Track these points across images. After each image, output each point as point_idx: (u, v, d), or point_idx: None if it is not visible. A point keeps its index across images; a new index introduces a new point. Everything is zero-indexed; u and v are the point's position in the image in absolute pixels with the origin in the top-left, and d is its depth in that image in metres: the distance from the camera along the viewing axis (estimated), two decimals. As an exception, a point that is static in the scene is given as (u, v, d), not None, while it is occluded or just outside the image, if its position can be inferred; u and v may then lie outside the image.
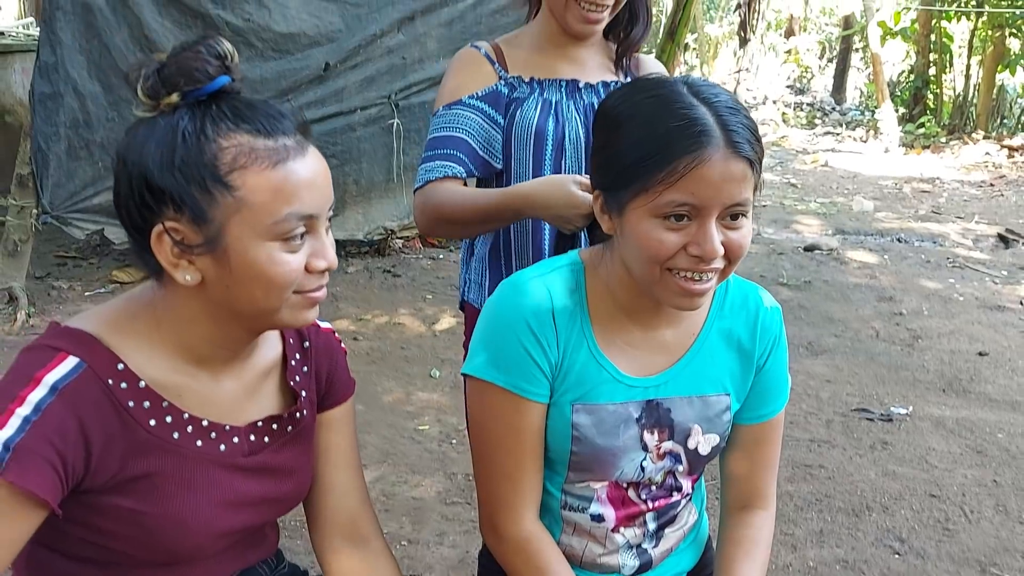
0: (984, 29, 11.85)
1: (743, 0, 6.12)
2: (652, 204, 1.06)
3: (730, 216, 1.08)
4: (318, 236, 1.00)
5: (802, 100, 15.15)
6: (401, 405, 3.42)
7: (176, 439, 1.02)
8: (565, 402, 1.19)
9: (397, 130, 5.20)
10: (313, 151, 0.99)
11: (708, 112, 1.06)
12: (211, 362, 1.05)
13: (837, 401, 3.59)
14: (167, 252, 0.96)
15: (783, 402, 1.31)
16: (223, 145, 0.94)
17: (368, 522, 1.23)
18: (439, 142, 1.63)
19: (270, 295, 0.97)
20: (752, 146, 1.06)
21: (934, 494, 2.88)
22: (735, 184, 1.05)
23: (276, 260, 0.96)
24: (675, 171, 1.04)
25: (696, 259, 1.07)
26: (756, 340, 1.26)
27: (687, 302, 1.12)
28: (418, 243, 5.63)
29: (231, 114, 0.95)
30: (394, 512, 2.66)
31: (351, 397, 1.23)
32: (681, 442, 1.24)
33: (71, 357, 0.95)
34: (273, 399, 1.13)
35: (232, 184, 0.93)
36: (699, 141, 1.03)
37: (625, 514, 1.27)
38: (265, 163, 0.94)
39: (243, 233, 0.94)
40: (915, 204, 7.72)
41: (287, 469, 1.12)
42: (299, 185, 0.95)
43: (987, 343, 4.27)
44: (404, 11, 5.03)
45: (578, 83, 1.66)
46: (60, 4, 4.13)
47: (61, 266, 4.99)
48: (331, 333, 1.22)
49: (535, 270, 1.23)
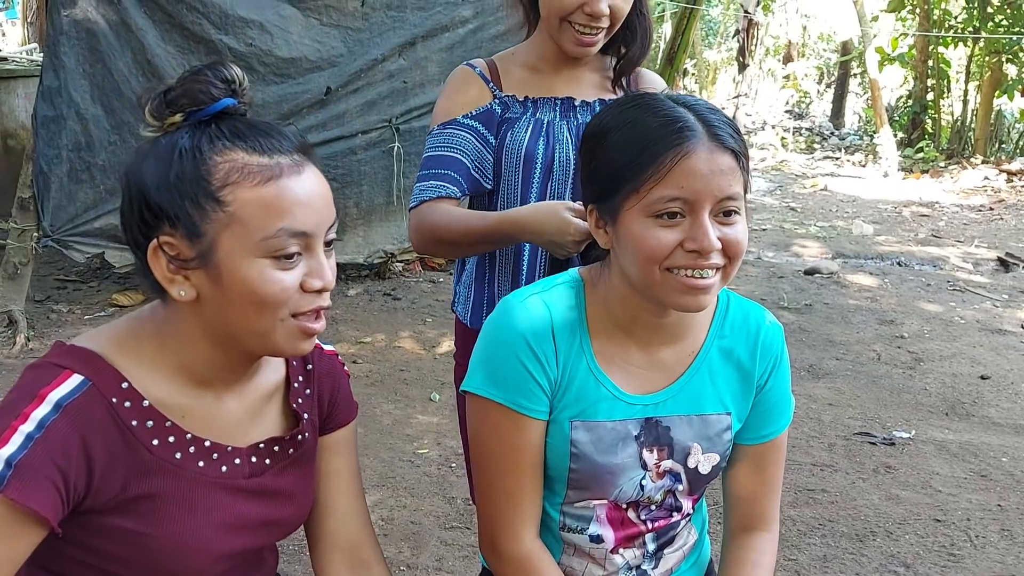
0: (981, 55, 11.94)
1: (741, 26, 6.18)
2: (644, 204, 1.08)
3: (723, 212, 1.09)
4: (314, 256, 0.99)
5: (801, 125, 15.23)
6: (400, 428, 3.40)
7: (178, 459, 1.01)
8: (564, 419, 1.19)
9: (398, 154, 5.22)
10: (312, 171, 1.00)
11: (688, 112, 1.10)
12: (213, 384, 1.04)
13: (839, 425, 3.57)
14: (163, 267, 0.97)
15: (786, 422, 1.30)
16: (217, 162, 0.95)
17: (370, 547, 1.22)
18: (434, 161, 1.64)
19: (263, 314, 0.97)
20: (735, 139, 1.09)
21: (938, 519, 2.85)
22: (723, 176, 1.07)
23: (267, 277, 0.95)
24: (662, 166, 1.06)
25: (694, 254, 1.08)
26: (757, 359, 1.25)
27: (692, 300, 1.11)
28: (418, 266, 5.63)
29: (228, 133, 0.97)
30: (392, 537, 2.64)
31: (354, 420, 1.22)
32: (681, 461, 1.23)
33: (76, 375, 0.95)
34: (275, 421, 1.12)
35: (223, 199, 0.94)
36: (682, 135, 1.07)
37: (624, 535, 1.26)
38: (257, 179, 0.95)
39: (234, 249, 0.95)
40: (915, 228, 7.73)
41: (288, 492, 1.11)
42: (291, 202, 0.95)
43: (989, 366, 4.25)
44: (405, 36, 5.07)
45: (573, 101, 1.65)
46: (64, 29, 4.16)
47: (61, 289, 4.98)
48: (334, 356, 1.22)
49: (535, 288, 1.23)
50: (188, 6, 4.40)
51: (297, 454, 1.13)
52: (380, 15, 4.99)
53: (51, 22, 4.16)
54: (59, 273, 5.19)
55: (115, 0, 4.25)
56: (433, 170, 1.63)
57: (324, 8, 4.83)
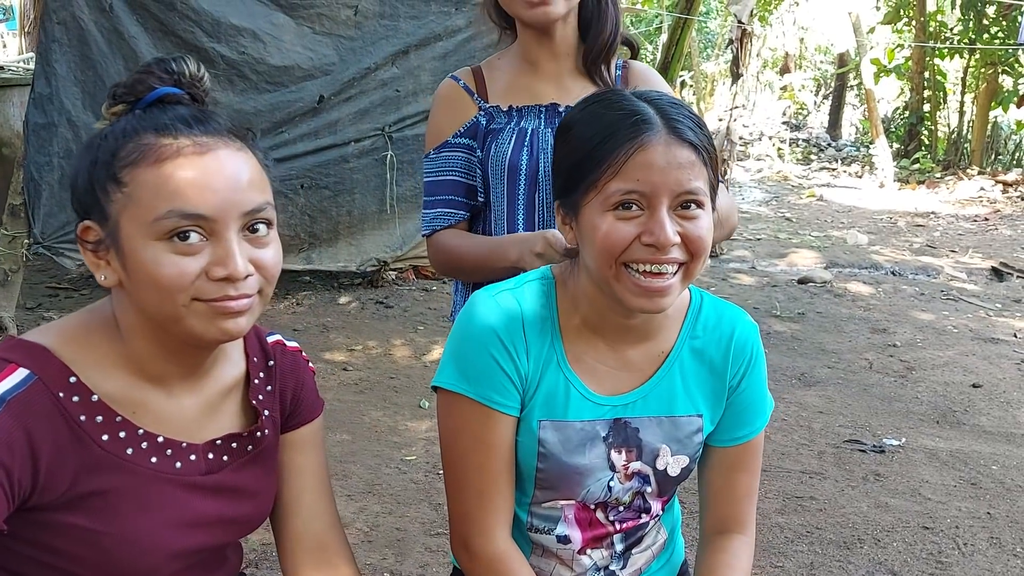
0: (977, 66, 11.98)
1: (735, 36, 6.21)
2: (601, 197, 1.07)
3: (682, 206, 1.08)
4: (222, 242, 0.95)
5: (798, 136, 15.26)
6: (388, 435, 3.38)
7: (130, 455, 0.99)
8: (532, 418, 1.18)
9: (391, 162, 5.22)
10: (225, 153, 0.96)
11: (648, 106, 1.09)
12: (165, 378, 1.03)
13: (829, 432, 3.55)
14: (88, 253, 0.98)
15: (761, 424, 1.28)
16: (125, 145, 0.95)
17: (337, 547, 1.20)
18: (436, 187, 1.66)
19: (163, 300, 0.94)
20: (695, 133, 1.08)
21: (927, 526, 2.83)
22: (681, 171, 1.06)
23: (161, 261, 0.93)
24: (617, 158, 1.06)
25: (651, 248, 1.06)
26: (730, 360, 1.23)
27: (647, 302, 1.10)
28: (411, 275, 5.62)
29: (147, 118, 0.96)
30: (377, 543, 2.62)
31: (319, 417, 1.21)
32: (649, 462, 1.22)
33: (21, 369, 0.93)
34: (234, 418, 1.11)
35: (122, 180, 0.94)
36: (638, 128, 1.06)
37: (592, 536, 1.24)
38: (152, 158, 0.93)
39: (132, 231, 0.94)
40: (910, 238, 7.73)
41: (247, 489, 1.10)
42: (185, 182, 0.92)
43: (981, 375, 4.24)
44: (398, 45, 5.09)
45: (558, 107, 1.62)
46: (56, 36, 4.17)
47: (53, 297, 4.97)
48: (298, 352, 1.20)
49: (506, 284, 1.22)
50: (180, 14, 4.41)
51: (257, 451, 1.11)
52: (373, 24, 5.01)
53: (43, 29, 4.17)
54: (50, 281, 5.19)
55: (107, 7, 4.26)
56: (438, 196, 1.65)
57: (317, 16, 4.85)
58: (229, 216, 0.95)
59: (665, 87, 1.70)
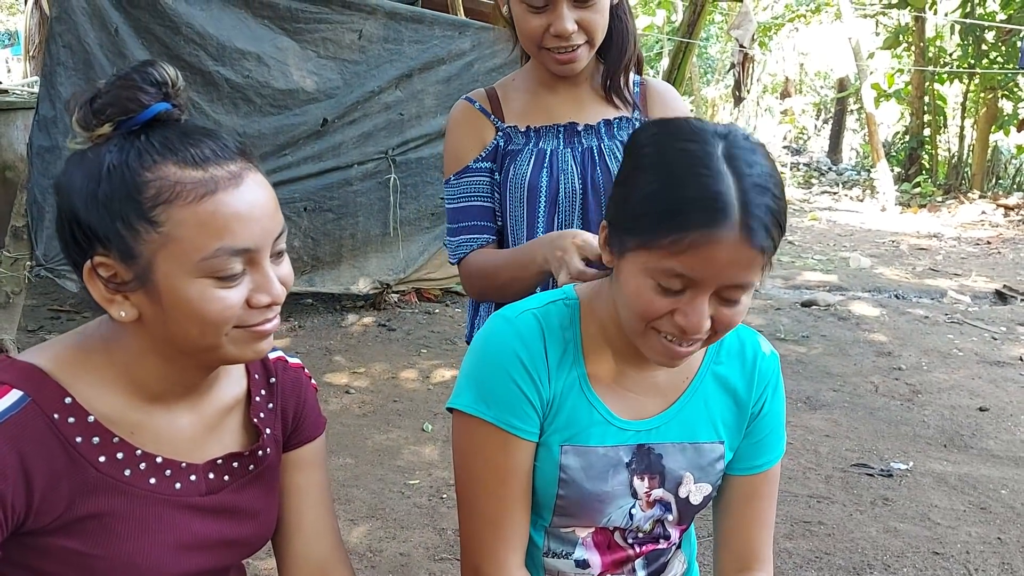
0: (977, 91, 12.05)
1: (737, 60, 6.24)
2: (650, 262, 1.00)
3: (726, 294, 1.02)
4: (260, 269, 0.93)
5: (799, 160, 15.33)
6: (391, 459, 3.35)
7: (127, 476, 0.97)
8: (554, 443, 1.14)
9: (394, 185, 5.23)
10: (252, 180, 0.93)
11: (733, 186, 0.97)
12: (165, 398, 1.00)
13: (836, 456, 3.52)
14: (100, 289, 0.92)
15: (779, 454, 1.24)
16: (148, 178, 0.88)
17: (339, 567, 1.17)
18: (461, 213, 1.62)
19: (206, 333, 0.92)
20: (769, 233, 0.98)
21: (937, 552, 2.79)
22: (740, 268, 0.99)
23: (209, 297, 0.90)
24: (681, 242, 0.97)
25: (680, 327, 1.02)
26: (753, 387, 1.20)
27: (667, 362, 1.08)
28: (414, 297, 5.61)
29: (159, 144, 0.90)
30: (380, 568, 2.59)
31: (321, 436, 1.18)
32: (672, 490, 1.18)
33: (14, 391, 0.90)
34: (235, 436, 1.08)
35: (156, 220, 0.88)
36: (714, 219, 0.96)
37: (612, 560, 1.21)
38: (191, 196, 0.88)
39: (172, 270, 0.90)
40: (912, 261, 7.72)
41: (248, 510, 1.07)
42: (230, 219, 0.89)
43: (988, 398, 4.21)
44: (402, 68, 5.11)
45: (576, 126, 1.59)
46: (61, 59, 4.18)
47: (54, 319, 4.96)
48: (300, 369, 1.18)
49: (527, 303, 1.18)
50: (185, 38, 4.43)
51: (258, 470, 1.09)
52: (377, 48, 5.03)
53: (48, 52, 4.18)
54: (52, 303, 5.17)
55: (113, 31, 4.28)
56: (463, 223, 1.62)
57: (322, 40, 4.87)
58: (267, 244, 0.94)
59: (684, 106, 1.69)
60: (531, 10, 1.49)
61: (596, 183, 1.56)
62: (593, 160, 1.57)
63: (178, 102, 0.93)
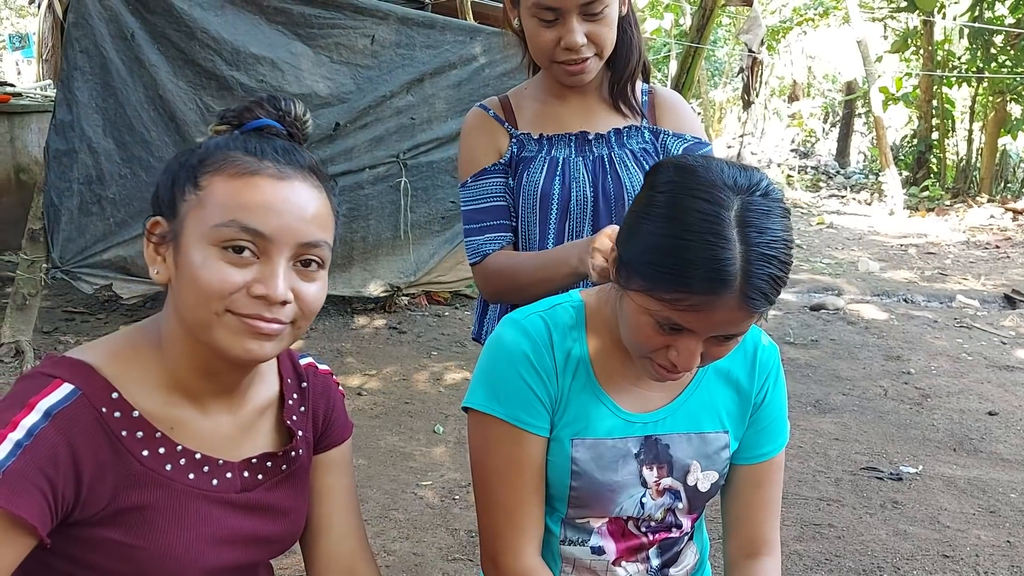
0: (985, 95, 12.04)
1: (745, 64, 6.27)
2: (651, 308, 1.05)
3: (721, 336, 1.07)
4: (270, 263, 0.96)
5: (807, 163, 15.33)
6: (404, 460, 3.39)
7: (168, 471, 1.01)
8: (564, 437, 1.19)
9: (405, 188, 5.27)
10: (301, 185, 0.99)
11: (740, 256, 0.99)
12: (202, 396, 1.04)
13: (845, 460, 3.54)
14: (150, 247, 1.01)
15: (783, 442, 1.30)
16: (214, 155, 0.99)
17: (366, 567, 1.21)
18: (480, 214, 1.65)
19: (199, 302, 0.96)
20: (768, 298, 1.01)
21: (947, 555, 2.81)
22: (734, 325, 1.04)
23: (209, 265, 0.95)
24: (681, 303, 1.02)
25: (671, 363, 1.09)
26: (754, 378, 1.26)
27: (660, 381, 1.17)
28: (424, 300, 5.65)
29: (244, 139, 1.01)
30: (394, 568, 2.62)
31: (348, 439, 1.23)
32: (680, 479, 1.24)
33: (66, 384, 0.95)
34: (269, 437, 1.12)
35: (200, 183, 0.97)
36: (715, 288, 0.99)
37: (626, 547, 1.25)
38: (233, 170, 0.97)
39: (193, 231, 0.96)
40: (921, 265, 7.73)
41: (280, 509, 1.11)
42: (256, 201, 0.96)
43: (997, 402, 4.22)
44: (414, 73, 5.15)
45: (587, 135, 1.62)
46: (78, 64, 4.23)
47: (69, 321, 5.01)
48: (329, 375, 1.22)
49: (536, 307, 1.24)
50: (201, 43, 4.48)
51: (291, 470, 1.12)
52: (389, 52, 5.07)
53: (65, 57, 4.23)
54: (67, 305, 5.22)
55: (129, 36, 4.33)
56: (482, 223, 1.64)
57: (335, 46, 4.92)
58: (285, 241, 0.97)
59: (691, 115, 1.71)
60: (542, 23, 1.52)
61: (607, 191, 1.60)
62: (604, 168, 1.60)
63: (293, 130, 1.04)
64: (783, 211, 1.04)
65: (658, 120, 1.66)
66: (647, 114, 1.66)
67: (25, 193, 5.78)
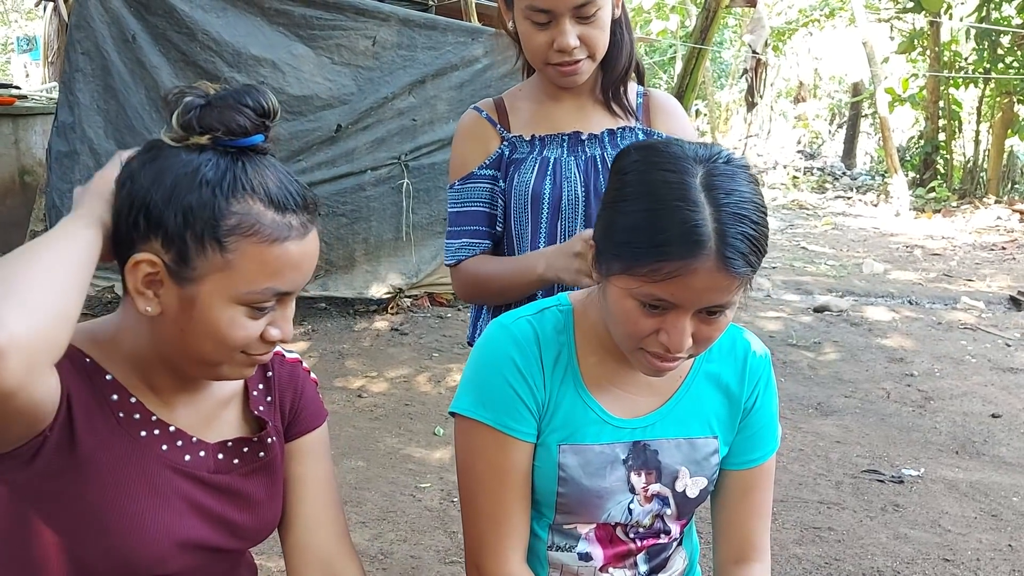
0: (992, 96, 11.99)
1: (749, 66, 6.25)
2: (633, 287, 1.05)
3: (708, 311, 1.06)
4: (285, 309, 1.01)
5: (812, 165, 15.29)
6: (403, 463, 3.38)
7: (143, 437, 1.02)
8: (552, 443, 1.18)
9: (407, 190, 5.27)
10: (313, 235, 1.00)
11: (711, 217, 1.00)
12: (162, 390, 1.05)
13: (847, 462, 3.52)
14: (137, 279, 0.96)
15: (772, 448, 1.29)
16: (234, 208, 0.94)
17: (344, 560, 1.17)
18: (461, 217, 1.67)
19: (219, 351, 0.99)
20: (747, 260, 1.01)
21: (948, 558, 2.80)
22: (718, 293, 1.03)
23: (238, 324, 0.97)
24: (660, 272, 1.01)
25: (663, 346, 1.07)
26: (744, 384, 1.25)
27: (655, 374, 1.15)
28: (426, 301, 5.64)
29: (252, 175, 0.96)
30: (391, 571, 2.61)
31: (322, 427, 1.21)
32: (669, 485, 1.22)
33: None
34: (235, 427, 1.12)
35: (227, 246, 0.94)
36: (691, 251, 0.99)
37: (614, 553, 1.24)
38: (266, 238, 0.95)
39: (217, 291, 0.95)
40: (926, 267, 7.69)
41: (253, 499, 1.10)
42: (287, 265, 0.97)
43: (1000, 405, 4.19)
44: (415, 75, 5.15)
45: (580, 135, 1.63)
46: (80, 66, 4.25)
47: (71, 322, 5.02)
48: (298, 363, 1.21)
49: (523, 311, 1.23)
50: (202, 44, 4.49)
51: (267, 459, 1.12)
52: (391, 54, 5.08)
53: (67, 59, 4.25)
54: (70, 306, 5.24)
55: (131, 38, 4.35)
56: (462, 227, 1.67)
57: (336, 47, 4.92)
58: (299, 289, 1.02)
59: (685, 118, 1.72)
60: (535, 26, 1.53)
61: (599, 190, 1.60)
62: (596, 168, 1.61)
63: (270, 135, 0.99)
64: (749, 176, 1.05)
65: (652, 122, 1.67)
66: (641, 116, 1.68)
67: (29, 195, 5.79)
